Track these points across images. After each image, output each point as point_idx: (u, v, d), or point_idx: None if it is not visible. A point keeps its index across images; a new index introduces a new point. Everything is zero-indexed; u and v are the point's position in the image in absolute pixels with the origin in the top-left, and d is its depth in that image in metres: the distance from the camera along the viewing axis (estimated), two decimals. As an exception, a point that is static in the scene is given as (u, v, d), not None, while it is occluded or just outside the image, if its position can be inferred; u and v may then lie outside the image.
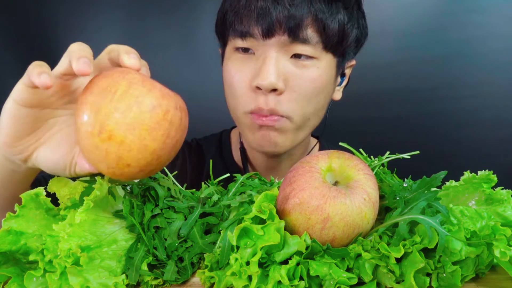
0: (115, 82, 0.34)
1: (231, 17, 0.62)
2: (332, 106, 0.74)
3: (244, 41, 0.62)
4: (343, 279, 0.34)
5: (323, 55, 0.63)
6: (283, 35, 0.59)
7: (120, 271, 0.37)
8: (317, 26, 0.60)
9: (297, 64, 0.62)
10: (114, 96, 0.33)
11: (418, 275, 0.34)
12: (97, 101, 0.34)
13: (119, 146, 0.34)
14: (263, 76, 0.60)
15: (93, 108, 0.34)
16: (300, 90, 0.62)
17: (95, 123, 0.33)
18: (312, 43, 0.60)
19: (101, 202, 0.40)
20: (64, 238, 0.35)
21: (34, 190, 0.41)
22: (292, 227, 0.38)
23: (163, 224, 0.41)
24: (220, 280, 0.36)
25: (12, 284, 0.35)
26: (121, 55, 0.37)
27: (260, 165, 0.78)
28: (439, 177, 0.39)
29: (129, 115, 0.33)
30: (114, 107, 0.33)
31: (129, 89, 0.34)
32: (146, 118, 0.34)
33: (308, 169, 0.38)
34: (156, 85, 0.36)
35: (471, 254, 0.35)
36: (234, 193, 0.46)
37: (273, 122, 0.63)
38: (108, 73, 0.36)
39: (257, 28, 0.60)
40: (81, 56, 0.34)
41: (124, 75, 0.35)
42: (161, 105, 0.35)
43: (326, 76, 0.64)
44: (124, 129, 0.33)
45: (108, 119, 0.33)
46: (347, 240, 0.37)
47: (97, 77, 0.36)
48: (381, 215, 0.42)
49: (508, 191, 0.43)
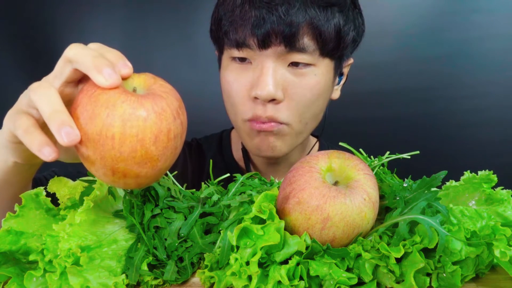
0: (108, 125, 0.32)
1: (226, 26, 0.61)
2: (332, 106, 0.74)
3: (241, 51, 0.61)
4: (343, 279, 0.34)
5: (320, 61, 0.62)
6: (280, 46, 0.59)
7: (120, 271, 0.37)
8: (313, 34, 0.59)
9: (294, 72, 0.62)
10: (114, 142, 0.32)
11: (418, 275, 0.34)
12: (98, 149, 0.33)
13: (136, 178, 0.35)
14: (261, 87, 0.59)
15: (97, 156, 0.33)
16: (299, 98, 0.62)
17: (106, 169, 0.34)
18: (309, 51, 0.60)
19: (101, 202, 0.40)
20: (64, 238, 0.35)
21: (34, 190, 0.41)
22: (292, 227, 0.38)
23: (163, 224, 0.41)
24: (220, 280, 0.36)
25: (12, 284, 0.35)
26: (94, 76, 0.33)
27: (260, 165, 0.78)
28: (439, 177, 0.39)
29: (137, 155, 0.33)
30: (119, 152, 0.32)
31: (125, 129, 0.32)
32: (153, 150, 0.33)
33: (308, 169, 0.38)
34: (145, 104, 0.33)
35: (471, 254, 0.35)
36: (234, 193, 0.46)
37: (271, 128, 0.63)
38: (90, 109, 0.32)
39: (252, 39, 0.59)
40: (104, 65, 0.33)
41: (110, 109, 0.32)
42: (161, 130, 0.33)
43: (324, 82, 0.64)
44: (136, 167, 0.34)
45: (117, 164, 0.33)
46: (347, 240, 0.37)
47: (83, 116, 0.33)
48: (381, 215, 0.42)
49: (508, 191, 0.43)
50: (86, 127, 0.32)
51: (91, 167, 0.35)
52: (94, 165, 0.34)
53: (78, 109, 0.33)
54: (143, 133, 0.33)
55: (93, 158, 0.33)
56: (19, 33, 1.36)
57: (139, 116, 0.32)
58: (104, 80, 0.32)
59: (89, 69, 0.33)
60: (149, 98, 0.33)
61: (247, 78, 0.62)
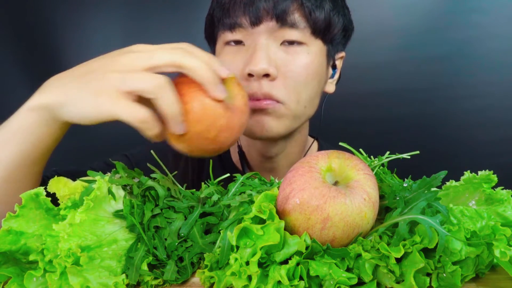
0: (206, 131, 0.43)
1: (219, 13, 0.64)
2: (332, 106, 0.74)
3: (234, 33, 0.63)
4: (343, 279, 0.34)
5: (312, 40, 0.64)
6: (271, 21, 0.61)
7: (120, 271, 0.37)
8: (303, 11, 0.61)
9: (287, 50, 0.63)
10: (207, 141, 0.43)
11: (418, 275, 0.34)
12: (193, 142, 0.44)
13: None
14: (254, 62, 0.60)
15: (188, 143, 0.44)
16: (293, 76, 0.63)
17: (188, 150, 0.45)
18: (300, 27, 0.62)
19: (101, 202, 0.40)
20: (64, 238, 0.35)
21: (34, 190, 0.41)
22: (292, 227, 0.38)
23: (163, 224, 0.41)
24: (220, 280, 0.36)
25: (12, 284, 0.35)
26: (211, 90, 0.41)
27: (258, 166, 0.78)
28: (439, 177, 0.39)
29: (216, 146, 0.45)
30: (207, 146, 0.44)
31: (218, 136, 0.43)
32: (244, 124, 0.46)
33: (308, 169, 0.38)
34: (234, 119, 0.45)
35: (471, 254, 0.35)
36: (234, 193, 0.46)
37: (267, 106, 0.63)
38: (198, 114, 0.42)
39: (244, 17, 0.61)
40: (218, 81, 0.42)
41: (212, 118, 0.42)
42: (246, 103, 0.46)
43: (317, 62, 0.65)
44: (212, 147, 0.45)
45: (201, 150, 0.45)
46: (347, 240, 0.37)
47: (191, 116, 0.42)
48: (381, 215, 0.42)
49: (508, 191, 0.43)
50: (190, 126, 0.42)
51: (175, 143, 0.44)
52: (179, 144, 0.44)
53: (187, 106, 0.42)
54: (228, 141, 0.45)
55: (183, 143, 0.44)
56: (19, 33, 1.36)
57: (232, 128, 0.44)
58: (219, 95, 0.42)
59: (206, 83, 0.42)
60: (237, 111, 0.44)
61: (241, 59, 0.63)
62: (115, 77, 0.42)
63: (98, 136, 1.20)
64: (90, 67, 0.45)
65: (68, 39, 1.37)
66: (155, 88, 0.40)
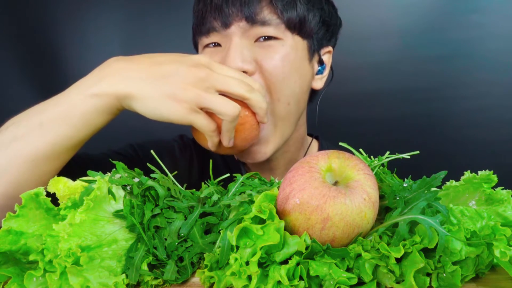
0: (250, 142, 0.61)
1: (196, 22, 0.67)
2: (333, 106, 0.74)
3: (208, 37, 0.65)
4: (343, 279, 0.34)
5: (288, 35, 0.64)
6: (241, 21, 0.62)
7: (120, 271, 0.37)
8: (273, 8, 0.62)
9: (261, 45, 0.64)
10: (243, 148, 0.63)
11: (418, 275, 0.34)
12: (233, 150, 0.61)
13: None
14: (228, 61, 0.61)
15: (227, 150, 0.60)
16: (269, 68, 0.63)
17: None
18: (272, 24, 0.62)
19: (101, 202, 0.40)
20: (64, 238, 0.35)
21: (34, 190, 0.41)
22: (292, 227, 0.38)
23: (163, 224, 0.41)
24: (220, 280, 0.36)
25: (12, 284, 0.35)
26: (262, 119, 0.57)
27: (256, 165, 0.78)
28: (439, 177, 0.39)
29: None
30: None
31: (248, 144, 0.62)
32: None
33: (308, 169, 0.38)
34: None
35: (471, 254, 0.35)
36: (234, 193, 0.46)
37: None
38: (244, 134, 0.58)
39: (216, 22, 0.63)
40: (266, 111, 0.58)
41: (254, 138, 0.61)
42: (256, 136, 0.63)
43: (295, 56, 0.65)
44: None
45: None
46: (347, 240, 0.37)
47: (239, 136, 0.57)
48: (381, 215, 0.42)
49: (508, 191, 0.43)
50: (236, 141, 0.57)
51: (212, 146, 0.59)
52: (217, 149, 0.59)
53: (240, 127, 0.56)
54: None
55: (220, 149, 0.58)
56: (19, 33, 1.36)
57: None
58: (266, 121, 0.58)
59: (261, 113, 0.56)
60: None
61: (218, 60, 0.64)
62: (196, 93, 0.49)
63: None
64: (163, 69, 0.50)
65: (68, 39, 1.37)
66: (233, 117, 0.51)
